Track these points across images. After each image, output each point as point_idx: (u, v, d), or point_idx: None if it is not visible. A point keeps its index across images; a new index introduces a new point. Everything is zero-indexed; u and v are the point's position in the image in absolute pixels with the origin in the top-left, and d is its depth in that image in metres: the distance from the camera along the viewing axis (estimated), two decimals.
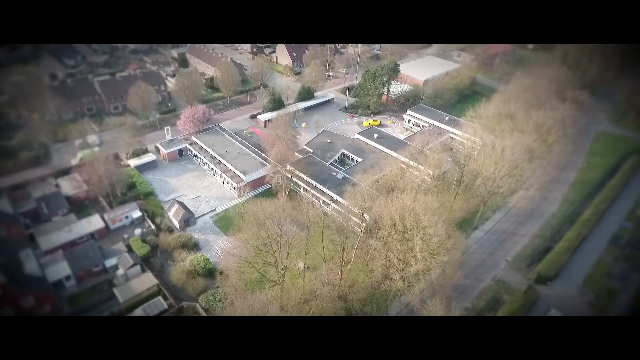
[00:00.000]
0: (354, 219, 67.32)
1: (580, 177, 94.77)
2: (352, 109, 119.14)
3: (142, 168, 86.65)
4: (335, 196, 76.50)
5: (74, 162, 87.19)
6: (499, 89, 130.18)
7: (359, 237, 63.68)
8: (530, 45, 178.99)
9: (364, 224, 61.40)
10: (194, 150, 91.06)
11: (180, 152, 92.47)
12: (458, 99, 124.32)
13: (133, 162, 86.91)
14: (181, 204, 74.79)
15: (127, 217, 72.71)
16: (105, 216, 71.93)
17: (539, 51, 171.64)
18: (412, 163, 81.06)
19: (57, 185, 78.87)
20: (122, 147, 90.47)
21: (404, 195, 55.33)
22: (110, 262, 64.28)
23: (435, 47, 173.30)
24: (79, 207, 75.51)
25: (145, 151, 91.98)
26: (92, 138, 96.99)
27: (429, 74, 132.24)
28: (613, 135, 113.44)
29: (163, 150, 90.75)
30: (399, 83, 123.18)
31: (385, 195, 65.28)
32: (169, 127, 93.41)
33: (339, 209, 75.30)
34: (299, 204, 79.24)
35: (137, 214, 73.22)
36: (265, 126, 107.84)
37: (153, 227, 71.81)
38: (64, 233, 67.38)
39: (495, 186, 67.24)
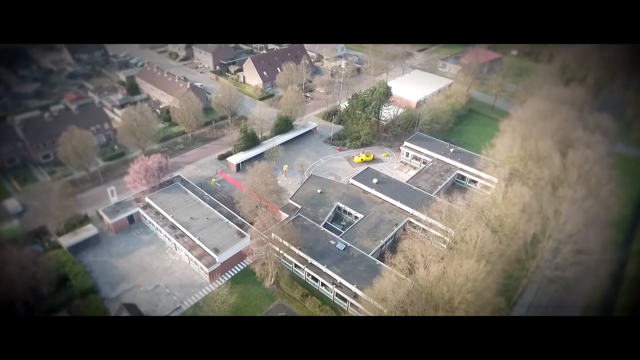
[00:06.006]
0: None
1: (612, 215, 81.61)
2: (338, 140, 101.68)
3: (78, 248, 65.64)
4: (339, 278, 59.01)
5: None
6: (494, 105, 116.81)
7: None
8: (513, 52, 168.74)
9: None
10: (147, 217, 70.56)
11: (130, 218, 71.76)
12: (455, 121, 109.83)
13: (66, 241, 65.65)
14: (132, 308, 54.91)
15: None
16: None
17: (524, 58, 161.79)
18: (435, 224, 65.25)
19: None
20: (52, 217, 68.90)
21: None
22: None
23: (419, 57, 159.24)
24: None
25: (84, 220, 70.73)
26: (13, 204, 74.59)
27: (420, 94, 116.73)
28: (630, 158, 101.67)
29: (107, 220, 69.80)
30: (390, 106, 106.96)
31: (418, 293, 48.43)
32: (113, 188, 72.13)
33: (346, 296, 58.15)
34: (291, 287, 62.11)
35: None
36: (238, 170, 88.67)
37: None
38: None
39: (549, 266, 51.98)
